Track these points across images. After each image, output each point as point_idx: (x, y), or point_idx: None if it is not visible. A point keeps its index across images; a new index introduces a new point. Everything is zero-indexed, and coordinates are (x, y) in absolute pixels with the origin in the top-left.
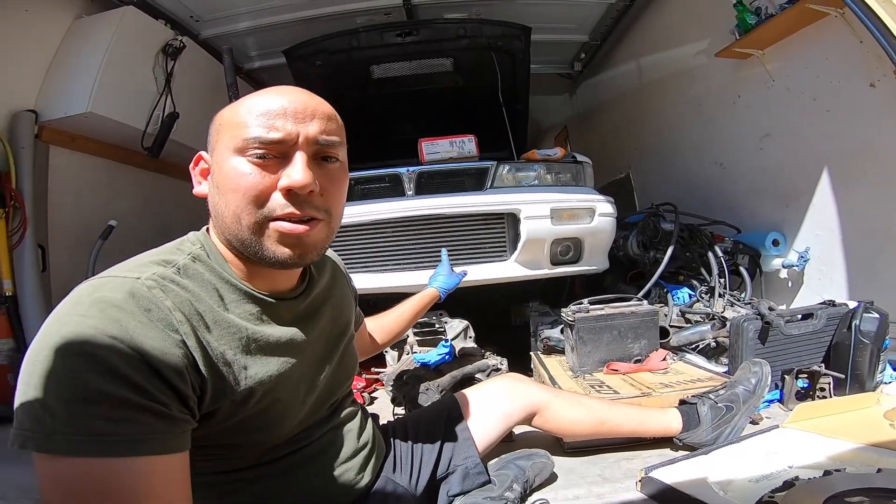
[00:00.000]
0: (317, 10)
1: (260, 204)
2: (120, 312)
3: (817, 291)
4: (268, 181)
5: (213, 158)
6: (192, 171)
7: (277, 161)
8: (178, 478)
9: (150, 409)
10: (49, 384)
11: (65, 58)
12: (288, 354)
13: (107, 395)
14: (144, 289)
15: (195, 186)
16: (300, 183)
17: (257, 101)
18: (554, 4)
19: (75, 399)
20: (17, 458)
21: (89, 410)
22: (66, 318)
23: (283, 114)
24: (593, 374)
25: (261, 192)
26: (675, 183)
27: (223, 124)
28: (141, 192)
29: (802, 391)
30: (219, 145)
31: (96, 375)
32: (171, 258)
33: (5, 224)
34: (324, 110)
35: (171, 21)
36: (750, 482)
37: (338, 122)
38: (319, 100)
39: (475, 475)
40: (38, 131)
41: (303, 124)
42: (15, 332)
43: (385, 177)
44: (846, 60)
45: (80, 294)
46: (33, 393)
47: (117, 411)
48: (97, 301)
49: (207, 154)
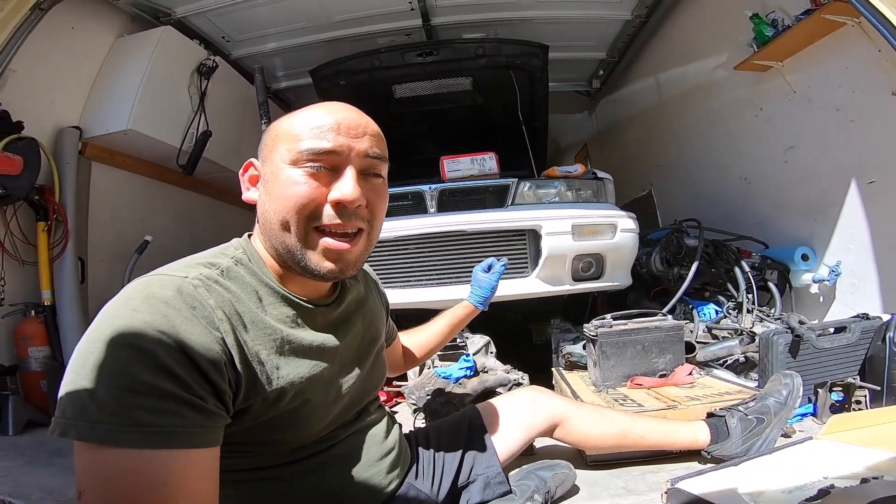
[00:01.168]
0: (340, 32)
1: (309, 213)
2: (168, 308)
3: (850, 306)
4: (319, 192)
5: (265, 167)
6: (241, 178)
7: (329, 174)
8: (209, 472)
9: (190, 402)
10: (98, 374)
11: (107, 76)
12: (319, 358)
13: (152, 386)
14: (191, 287)
15: (244, 192)
16: (350, 197)
17: (312, 115)
18: (570, 22)
19: (122, 389)
20: (46, 461)
21: (134, 401)
22: (119, 312)
23: (337, 128)
24: (616, 389)
25: (311, 202)
26: (698, 199)
27: (279, 135)
28: (175, 209)
29: (837, 404)
30: (273, 155)
31: (143, 367)
32: (216, 261)
33: (47, 236)
34: (373, 128)
35: (205, 41)
36: (783, 493)
37: (383, 140)
38: (368, 118)
39: (496, 485)
40: (81, 147)
41: (355, 140)
42: (52, 341)
43: (408, 194)
44: (866, 70)
45: (132, 290)
46: (82, 382)
47: (160, 403)
48: (148, 297)
49: (258, 161)
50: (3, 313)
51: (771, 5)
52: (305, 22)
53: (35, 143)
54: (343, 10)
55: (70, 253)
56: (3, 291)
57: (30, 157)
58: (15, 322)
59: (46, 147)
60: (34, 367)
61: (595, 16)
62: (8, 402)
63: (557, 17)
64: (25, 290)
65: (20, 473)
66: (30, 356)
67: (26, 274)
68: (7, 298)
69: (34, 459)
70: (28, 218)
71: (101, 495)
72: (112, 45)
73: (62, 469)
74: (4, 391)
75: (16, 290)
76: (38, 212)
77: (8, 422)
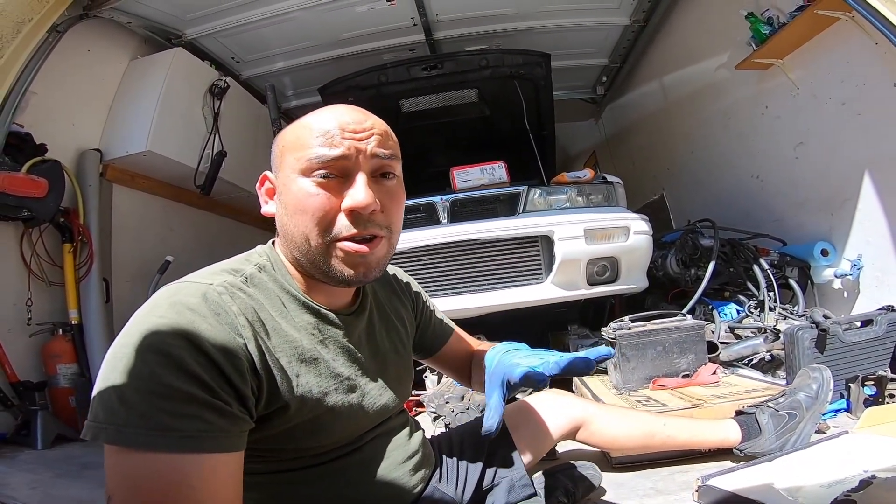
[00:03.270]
0: (346, 49)
1: (326, 225)
2: (193, 314)
3: (875, 299)
4: (332, 202)
5: (278, 179)
6: (259, 191)
7: (340, 181)
8: (233, 477)
9: (215, 406)
10: (128, 379)
11: (124, 97)
12: (341, 367)
13: (178, 390)
14: (215, 294)
15: (263, 206)
16: (362, 203)
17: (316, 120)
18: (570, 30)
19: (151, 393)
20: (76, 473)
21: (162, 405)
22: (147, 319)
23: (342, 132)
24: (639, 391)
25: (326, 213)
26: (711, 200)
27: (286, 145)
28: (194, 230)
29: (870, 399)
30: (283, 166)
31: (171, 372)
32: (240, 268)
33: (73, 257)
34: (380, 126)
35: (216, 62)
36: (822, 487)
37: (393, 137)
38: (374, 116)
39: (521, 487)
40: (102, 170)
41: (361, 142)
42: (79, 358)
43: (420, 206)
44: (866, 63)
45: (159, 297)
46: (112, 386)
47: (187, 407)
48: (174, 304)
49: (272, 174)
50: (30, 332)
51: (765, 3)
52: (312, 40)
53: (59, 166)
54: (348, 27)
55: (95, 273)
56: (30, 311)
57: (54, 179)
58: (43, 340)
59: (70, 169)
60: (63, 384)
61: (594, 23)
62: (37, 417)
63: (557, 25)
64: (52, 310)
65: (50, 486)
66: (58, 373)
67: (53, 294)
68: (34, 318)
69: (64, 473)
70: (54, 240)
71: (128, 498)
72: (127, 67)
73: (92, 481)
74: (33, 406)
75: (43, 310)
76: (64, 234)
77: (37, 436)
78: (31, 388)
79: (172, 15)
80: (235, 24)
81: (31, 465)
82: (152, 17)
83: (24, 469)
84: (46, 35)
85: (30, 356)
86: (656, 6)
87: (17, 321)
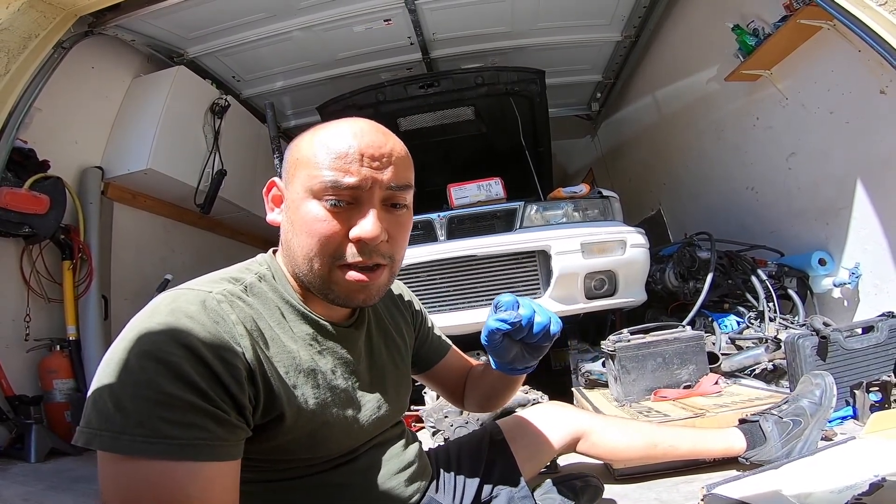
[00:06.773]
0: (344, 69)
1: (331, 251)
2: (192, 322)
3: (875, 307)
4: (340, 229)
5: (287, 189)
6: (266, 197)
7: (350, 208)
8: (230, 486)
9: (213, 415)
10: (124, 385)
11: (126, 115)
12: (338, 378)
13: (177, 398)
14: (214, 302)
15: (268, 213)
16: (370, 235)
17: (334, 139)
18: (563, 48)
19: (147, 400)
20: (67, 486)
21: (159, 412)
22: (145, 325)
23: (360, 158)
24: (640, 403)
25: (332, 239)
26: (708, 213)
27: (300, 159)
28: (193, 249)
29: (876, 405)
30: (294, 180)
31: (168, 379)
32: (240, 276)
33: (72, 274)
34: (398, 152)
35: (217, 81)
36: (832, 493)
37: (410, 162)
38: (394, 139)
39: (520, 499)
40: (103, 187)
41: (378, 171)
42: (76, 374)
43: (417, 223)
44: (851, 70)
45: (158, 303)
46: (107, 393)
47: (184, 415)
48: (173, 311)
49: (280, 181)
50: (28, 348)
51: (749, 15)
52: (310, 60)
53: (61, 183)
54: (346, 47)
55: (94, 291)
56: (28, 327)
57: (56, 196)
58: (40, 356)
59: (71, 186)
60: (58, 399)
61: (586, 39)
62: (31, 430)
63: (550, 43)
64: (50, 327)
65: (42, 498)
66: (55, 388)
67: (51, 311)
68: (32, 334)
69: (56, 485)
70: (54, 257)
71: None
72: (130, 85)
73: (83, 494)
74: (28, 420)
75: (41, 326)
76: (64, 251)
77: (31, 449)
78: (26, 402)
79: (175, 33)
80: (236, 42)
81: (24, 478)
82: (156, 35)
83: (16, 481)
84: (52, 51)
85: (27, 371)
86: (646, 21)
87: (14, 337)
